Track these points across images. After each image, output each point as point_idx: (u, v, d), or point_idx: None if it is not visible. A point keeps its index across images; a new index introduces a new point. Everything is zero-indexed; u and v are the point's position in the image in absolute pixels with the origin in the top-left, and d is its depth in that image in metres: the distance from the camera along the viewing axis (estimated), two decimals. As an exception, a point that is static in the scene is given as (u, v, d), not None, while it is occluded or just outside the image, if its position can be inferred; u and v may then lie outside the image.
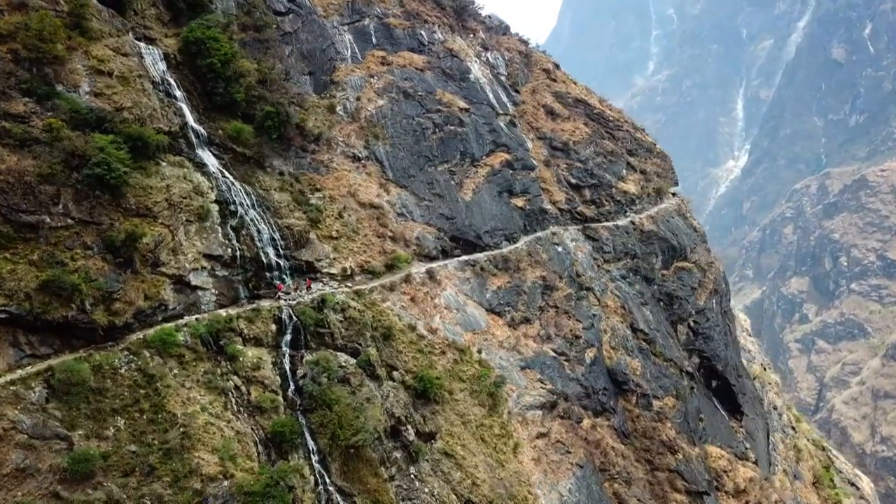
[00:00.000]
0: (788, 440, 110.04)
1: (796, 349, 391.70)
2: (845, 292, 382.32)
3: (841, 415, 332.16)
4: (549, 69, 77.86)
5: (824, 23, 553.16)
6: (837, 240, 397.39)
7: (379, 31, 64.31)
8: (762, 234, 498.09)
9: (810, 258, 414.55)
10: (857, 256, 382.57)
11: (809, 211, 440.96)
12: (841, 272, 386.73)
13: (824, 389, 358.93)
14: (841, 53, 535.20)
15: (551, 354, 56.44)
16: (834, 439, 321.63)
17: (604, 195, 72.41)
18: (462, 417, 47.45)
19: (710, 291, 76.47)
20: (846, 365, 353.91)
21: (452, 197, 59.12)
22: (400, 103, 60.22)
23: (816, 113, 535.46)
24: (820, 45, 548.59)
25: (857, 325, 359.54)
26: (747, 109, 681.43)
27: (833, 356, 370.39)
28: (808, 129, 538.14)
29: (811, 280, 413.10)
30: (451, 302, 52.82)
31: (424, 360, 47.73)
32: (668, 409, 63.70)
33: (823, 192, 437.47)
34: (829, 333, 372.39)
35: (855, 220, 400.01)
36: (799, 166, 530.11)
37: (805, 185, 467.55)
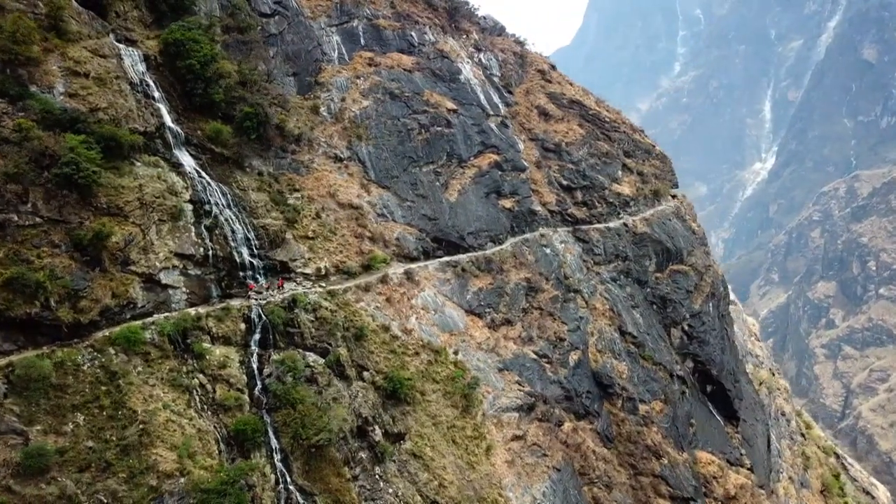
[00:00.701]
0: (796, 447, 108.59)
1: (822, 355, 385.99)
2: (873, 297, 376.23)
3: (868, 422, 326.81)
4: (544, 70, 77.53)
5: (855, 23, 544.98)
6: (866, 244, 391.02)
7: (368, 32, 64.49)
8: (788, 237, 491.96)
9: (838, 262, 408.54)
10: (886, 261, 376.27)
11: (837, 214, 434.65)
12: (869, 277, 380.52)
13: (851, 396, 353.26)
14: (872, 54, 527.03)
15: (532, 356, 56.15)
16: (860, 447, 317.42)
17: (596, 197, 71.93)
18: (433, 418, 47.42)
19: (707, 295, 75.61)
20: (873, 371, 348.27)
21: (437, 198, 59.10)
22: (385, 104, 60.33)
23: (846, 114, 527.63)
24: (851, 46, 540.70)
25: (886, 331, 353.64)
26: (775, 111, 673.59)
27: (860, 362, 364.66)
28: (837, 131, 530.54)
29: (838, 284, 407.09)
30: (430, 303, 52.80)
31: (397, 360, 47.77)
32: (654, 413, 63.09)
33: (852, 194, 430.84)
34: (857, 339, 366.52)
35: (884, 223, 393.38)
36: (828, 169, 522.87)
37: (833, 188, 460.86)
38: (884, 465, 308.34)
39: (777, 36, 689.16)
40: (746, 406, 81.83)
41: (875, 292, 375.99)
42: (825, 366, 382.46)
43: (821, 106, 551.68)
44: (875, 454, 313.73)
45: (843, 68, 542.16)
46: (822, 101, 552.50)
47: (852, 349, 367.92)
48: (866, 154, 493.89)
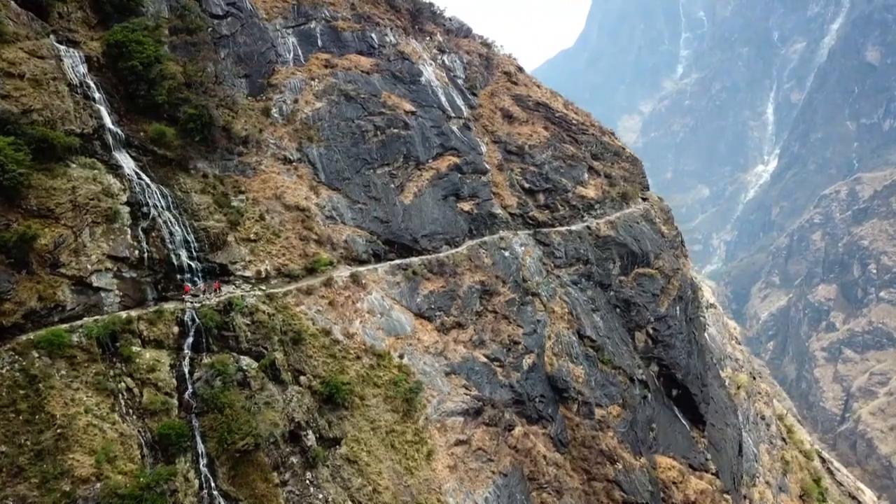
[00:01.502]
0: (775, 452, 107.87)
1: (822, 358, 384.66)
2: (874, 300, 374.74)
3: (868, 426, 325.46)
4: (510, 72, 77.08)
5: (859, 25, 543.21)
6: (866, 246, 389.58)
7: (325, 33, 64.15)
8: (790, 239, 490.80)
9: (838, 265, 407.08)
10: (887, 264, 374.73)
11: (838, 217, 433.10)
12: (870, 280, 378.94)
13: (851, 400, 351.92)
14: (875, 56, 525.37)
15: (483, 360, 55.66)
16: (860, 451, 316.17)
17: (559, 199, 71.43)
18: (372, 423, 47.01)
19: (674, 298, 75.01)
20: (874, 375, 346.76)
21: (390, 200, 58.70)
22: (340, 106, 59.97)
23: (849, 117, 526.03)
24: (854, 48, 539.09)
25: (886, 334, 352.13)
26: (778, 113, 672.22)
27: (860, 365, 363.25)
28: (840, 134, 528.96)
29: (839, 287, 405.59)
30: (376, 306, 52.39)
31: (336, 365, 47.39)
32: (611, 417, 62.53)
33: (853, 197, 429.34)
34: (857, 342, 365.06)
35: (885, 226, 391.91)
36: (830, 171, 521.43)
37: (835, 191, 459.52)
38: (883, 468, 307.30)
39: (780, 38, 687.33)
40: (715, 410, 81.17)
41: (875, 295, 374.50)
42: (825, 369, 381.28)
43: (823, 108, 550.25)
44: (874, 458, 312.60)
45: (845, 70, 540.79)
46: (824, 103, 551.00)
47: (852, 352, 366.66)
48: (869, 156, 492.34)
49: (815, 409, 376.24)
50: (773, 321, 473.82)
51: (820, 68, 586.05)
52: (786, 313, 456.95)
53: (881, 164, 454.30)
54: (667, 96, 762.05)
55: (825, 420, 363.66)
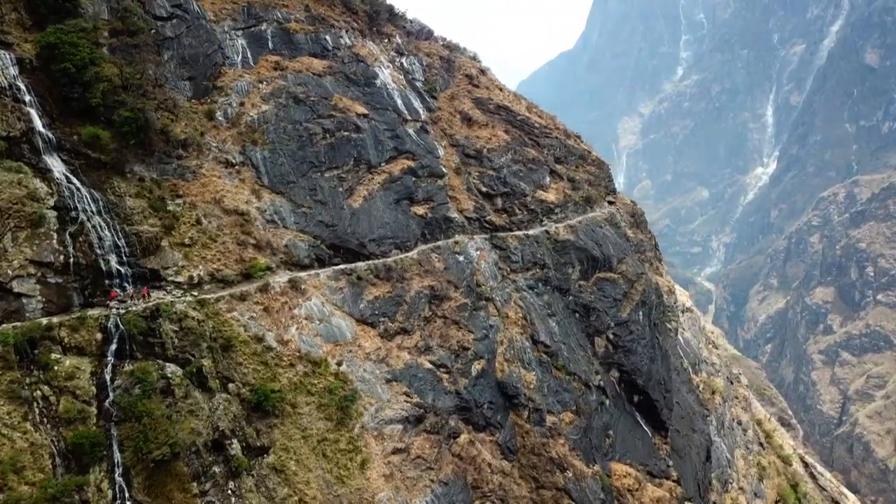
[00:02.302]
0: (752, 457, 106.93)
1: (820, 361, 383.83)
2: (871, 303, 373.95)
3: (864, 429, 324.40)
4: (472, 75, 76.30)
5: (858, 27, 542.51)
6: (864, 249, 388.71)
7: (277, 35, 63.46)
8: (788, 242, 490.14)
9: (836, 268, 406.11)
10: (885, 266, 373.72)
11: (836, 219, 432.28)
12: (867, 282, 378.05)
13: (848, 403, 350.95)
14: (874, 58, 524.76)
15: (427, 366, 54.87)
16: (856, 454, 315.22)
17: (517, 204, 70.62)
18: (303, 432, 46.25)
19: (637, 303, 74.16)
20: (871, 378, 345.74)
21: (337, 204, 57.94)
22: (288, 108, 59.24)
23: (848, 119, 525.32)
24: (853, 50, 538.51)
25: (883, 337, 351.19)
26: (777, 115, 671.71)
27: (858, 368, 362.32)
28: (839, 136, 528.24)
29: (836, 290, 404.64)
30: (315, 312, 51.63)
31: (267, 372, 46.65)
32: (563, 424, 61.70)
33: (851, 200, 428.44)
34: (854, 345, 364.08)
35: (882, 228, 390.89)
36: (829, 174, 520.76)
37: (833, 193, 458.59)
38: (879, 472, 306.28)
39: (780, 40, 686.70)
40: (681, 416, 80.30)
41: (873, 298, 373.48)
42: (822, 372, 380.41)
43: (823, 110, 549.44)
44: (871, 461, 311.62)
45: (845, 73, 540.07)
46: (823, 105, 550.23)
47: (850, 355, 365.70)
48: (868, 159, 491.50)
49: (812, 412, 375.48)
50: (771, 324, 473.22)
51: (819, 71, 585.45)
52: (783, 316, 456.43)
53: (880, 167, 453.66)
54: (666, 98, 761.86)
55: (822, 423, 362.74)
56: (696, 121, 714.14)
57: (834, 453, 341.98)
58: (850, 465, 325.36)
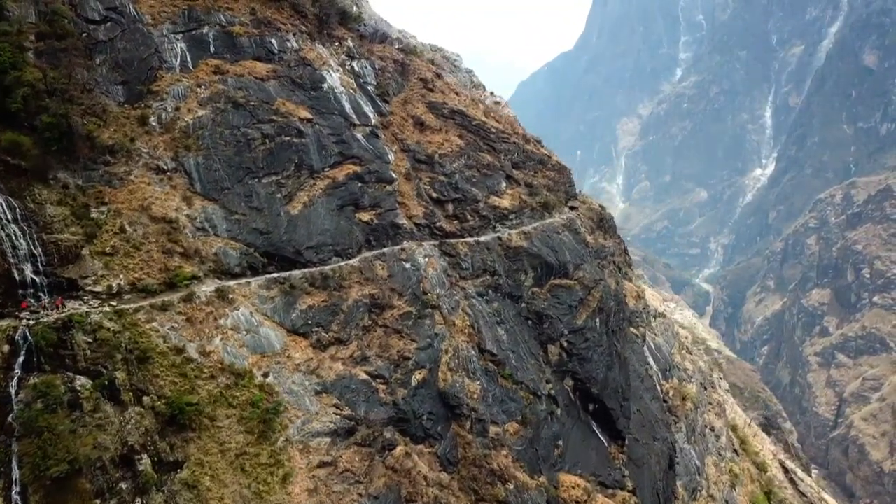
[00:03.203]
0: (724, 464, 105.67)
1: (816, 363, 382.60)
2: (867, 305, 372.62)
3: (859, 432, 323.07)
4: (427, 79, 75.15)
5: (856, 28, 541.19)
6: (860, 251, 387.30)
7: (219, 39, 62.39)
8: (785, 244, 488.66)
9: (832, 270, 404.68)
10: (881, 268, 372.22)
11: (833, 221, 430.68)
12: (863, 284, 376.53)
13: (843, 405, 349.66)
14: (873, 60, 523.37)
15: (362, 377, 53.75)
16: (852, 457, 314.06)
17: (468, 210, 69.49)
18: (221, 446, 45.19)
19: (594, 310, 72.97)
20: (866, 380, 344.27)
21: (274, 210, 56.85)
22: (226, 113, 58.17)
23: (846, 121, 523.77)
24: (851, 52, 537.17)
25: (879, 340, 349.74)
26: (776, 117, 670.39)
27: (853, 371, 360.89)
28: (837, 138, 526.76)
29: (833, 292, 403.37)
30: (242, 322, 50.56)
31: (186, 384, 45.58)
32: (508, 435, 60.56)
33: (848, 201, 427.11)
34: (850, 347, 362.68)
35: (878, 230, 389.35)
36: (827, 175, 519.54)
37: (829, 195, 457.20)
38: (874, 474, 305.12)
39: (779, 41, 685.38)
40: (642, 424, 79.11)
41: (869, 300, 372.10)
42: (818, 374, 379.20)
43: (821, 112, 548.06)
44: (866, 464, 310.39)
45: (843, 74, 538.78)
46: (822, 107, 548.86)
47: (846, 357, 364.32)
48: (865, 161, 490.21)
49: (808, 414, 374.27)
50: (768, 325, 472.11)
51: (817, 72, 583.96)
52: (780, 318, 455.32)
53: (878, 169, 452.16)
54: (665, 99, 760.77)
55: (818, 425, 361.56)
56: (695, 122, 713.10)
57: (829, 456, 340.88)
58: (846, 467, 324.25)
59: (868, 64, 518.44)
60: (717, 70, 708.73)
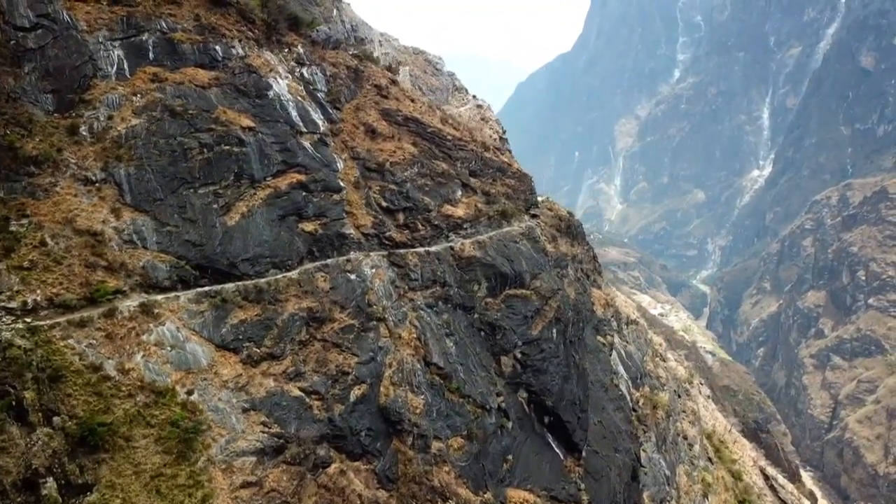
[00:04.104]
0: (696, 473, 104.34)
1: (811, 365, 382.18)
2: (862, 307, 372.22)
3: (854, 434, 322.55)
4: (381, 85, 73.81)
5: (853, 30, 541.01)
6: (856, 253, 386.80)
7: (160, 46, 61.07)
8: (781, 245, 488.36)
9: (828, 271, 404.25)
10: (876, 270, 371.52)
11: (829, 223, 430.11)
12: (858, 286, 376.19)
13: (839, 407, 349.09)
14: (870, 61, 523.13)
15: (295, 393, 52.42)
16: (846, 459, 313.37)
17: (420, 219, 68.14)
18: (136, 467, 43.86)
19: (550, 320, 71.63)
20: (861, 382, 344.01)
21: (209, 221, 55.52)
22: (162, 122, 56.85)
23: (843, 122, 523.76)
24: (848, 53, 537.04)
25: (874, 342, 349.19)
26: (774, 118, 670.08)
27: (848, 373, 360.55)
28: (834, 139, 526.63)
29: (828, 294, 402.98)
30: (167, 338, 49.24)
31: (100, 403, 44.26)
32: (451, 450, 59.23)
33: (844, 203, 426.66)
34: (845, 349, 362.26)
35: (874, 232, 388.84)
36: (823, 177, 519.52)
37: (825, 197, 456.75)
38: (869, 477, 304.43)
39: (776, 43, 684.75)
40: (602, 436, 77.79)
41: (864, 302, 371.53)
42: (813, 376, 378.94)
43: (818, 113, 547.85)
44: (861, 466, 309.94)
45: (840, 76, 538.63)
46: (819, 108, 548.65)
47: (841, 359, 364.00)
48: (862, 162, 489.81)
49: (803, 416, 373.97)
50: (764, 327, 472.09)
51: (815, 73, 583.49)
52: (776, 319, 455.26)
53: (874, 170, 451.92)
54: (663, 100, 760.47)
55: (813, 427, 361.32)
56: (693, 123, 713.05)
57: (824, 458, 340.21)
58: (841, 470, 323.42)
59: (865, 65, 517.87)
60: (715, 71, 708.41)
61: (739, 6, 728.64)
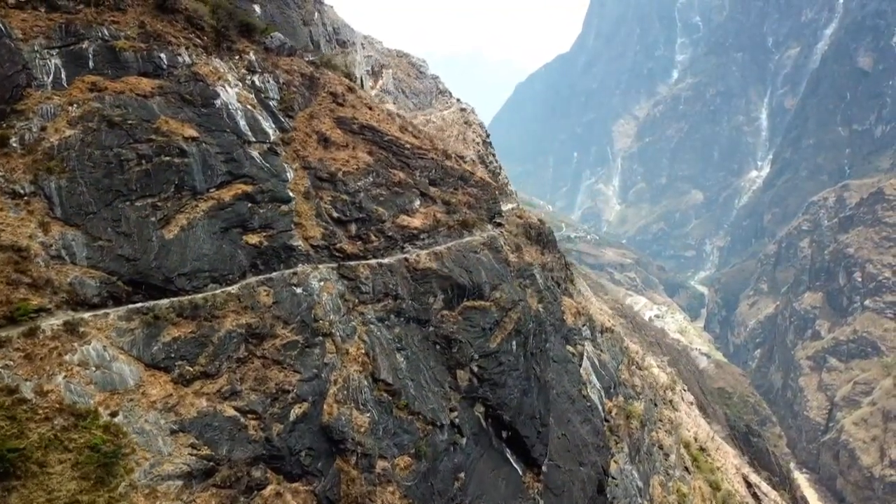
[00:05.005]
0: (672, 483, 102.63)
1: (808, 367, 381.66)
2: (859, 309, 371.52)
3: (850, 436, 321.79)
4: (337, 92, 72.06)
5: (851, 31, 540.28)
6: (852, 254, 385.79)
7: (101, 54, 59.35)
8: (778, 246, 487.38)
9: (824, 273, 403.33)
10: (872, 272, 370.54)
11: (826, 224, 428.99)
12: (855, 288, 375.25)
13: (835, 409, 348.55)
14: (867, 62, 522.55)
15: (230, 413, 50.72)
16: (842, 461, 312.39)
17: (373, 230, 66.41)
18: (50, 494, 42.19)
19: (510, 332, 69.94)
20: (857, 384, 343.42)
21: (145, 235, 53.81)
22: (99, 133, 55.14)
23: (841, 123, 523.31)
24: (846, 54, 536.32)
25: (871, 343, 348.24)
26: (772, 119, 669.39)
27: (845, 375, 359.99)
28: (831, 140, 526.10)
29: (825, 295, 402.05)
30: (93, 357, 47.58)
31: (14, 428, 42.56)
32: (398, 470, 57.52)
33: (841, 204, 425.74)
34: (842, 351, 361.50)
35: (870, 234, 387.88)
36: (821, 177, 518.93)
37: (822, 198, 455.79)
38: (865, 479, 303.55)
39: (774, 43, 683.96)
40: (566, 449, 76.12)
41: (860, 304, 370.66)
42: (810, 378, 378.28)
43: (816, 114, 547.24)
44: (856, 468, 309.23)
45: (838, 76, 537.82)
46: (817, 109, 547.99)
47: (837, 361, 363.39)
48: (860, 163, 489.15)
49: (799, 418, 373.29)
50: (761, 329, 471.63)
51: (812, 74, 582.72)
52: (773, 321, 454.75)
53: (872, 171, 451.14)
54: (662, 101, 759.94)
55: (809, 429, 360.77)
56: (691, 124, 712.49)
57: (820, 460, 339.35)
58: (836, 472, 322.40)
59: (863, 66, 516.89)
60: (714, 72, 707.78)
61: (738, 7, 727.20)
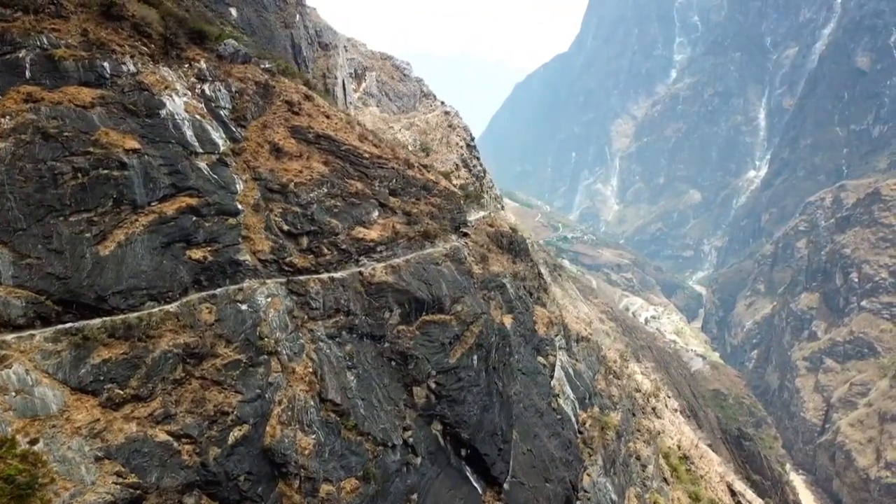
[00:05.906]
0: (648, 495, 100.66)
1: (804, 367, 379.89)
2: (855, 309, 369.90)
3: (846, 437, 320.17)
4: (293, 101, 69.98)
5: (849, 31, 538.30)
6: (849, 255, 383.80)
7: (38, 63, 57.17)
8: (775, 247, 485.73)
9: (821, 273, 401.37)
10: (869, 273, 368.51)
11: (823, 224, 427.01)
12: (852, 288, 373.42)
13: (831, 410, 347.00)
14: (865, 62, 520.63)
15: (161, 438, 48.70)
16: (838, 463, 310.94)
17: (325, 243, 64.33)
18: (-43, 528, 40.33)
19: (471, 346, 67.88)
20: (854, 385, 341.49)
21: (78, 252, 51.73)
22: (32, 146, 52.95)
23: (838, 123, 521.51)
24: (844, 54, 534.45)
25: (867, 344, 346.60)
26: (770, 119, 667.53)
27: (841, 376, 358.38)
28: (829, 140, 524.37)
29: (821, 296, 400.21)
30: (13, 382, 45.54)
31: (-80, 460, 40.73)
32: (343, 493, 55.47)
33: (838, 205, 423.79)
34: (838, 352, 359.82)
35: (867, 234, 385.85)
36: (819, 177, 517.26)
37: (819, 198, 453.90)
38: (861, 481, 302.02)
39: (772, 43, 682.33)
40: (532, 465, 74.12)
41: (857, 304, 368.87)
42: (806, 379, 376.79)
43: (814, 114, 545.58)
44: (853, 470, 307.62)
45: (836, 76, 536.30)
46: (814, 109, 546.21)
47: (833, 362, 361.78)
48: (857, 163, 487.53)
49: (796, 419, 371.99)
50: (758, 329, 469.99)
51: (811, 74, 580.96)
52: (770, 322, 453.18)
53: (869, 171, 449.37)
54: (660, 101, 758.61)
55: (805, 430, 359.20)
56: (689, 123, 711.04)
57: (817, 461, 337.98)
58: (833, 473, 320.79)
59: (861, 66, 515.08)
60: (712, 72, 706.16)
61: (736, 7, 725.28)
